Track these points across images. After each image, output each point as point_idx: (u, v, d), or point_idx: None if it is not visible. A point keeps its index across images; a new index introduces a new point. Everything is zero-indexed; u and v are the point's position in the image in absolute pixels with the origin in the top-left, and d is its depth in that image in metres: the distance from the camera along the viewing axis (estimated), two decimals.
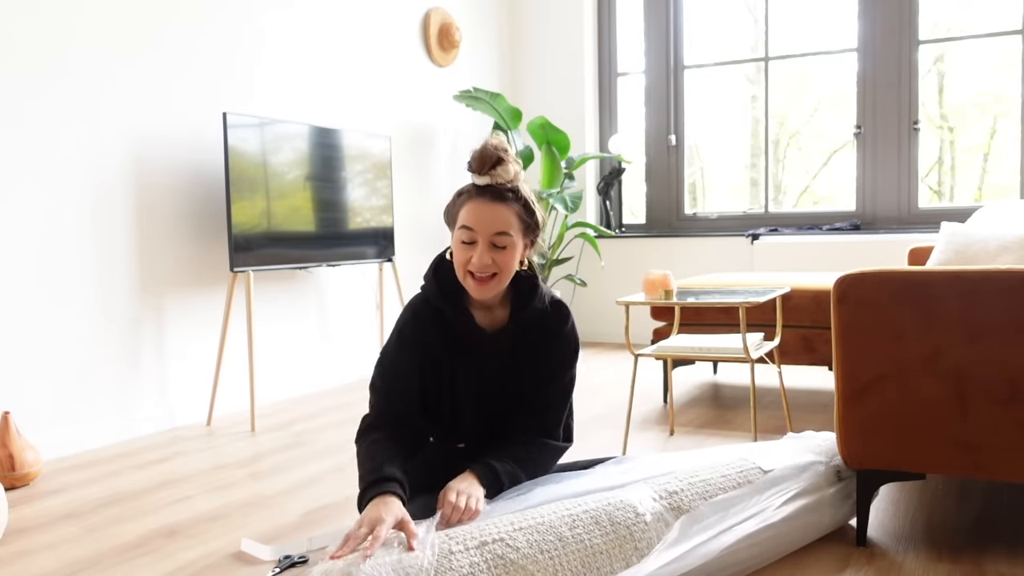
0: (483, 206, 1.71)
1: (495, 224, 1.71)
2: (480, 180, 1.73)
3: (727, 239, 5.04)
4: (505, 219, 1.72)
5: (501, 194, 1.72)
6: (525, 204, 1.76)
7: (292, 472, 2.66)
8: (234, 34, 3.61)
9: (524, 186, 1.78)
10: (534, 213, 1.77)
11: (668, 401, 3.19)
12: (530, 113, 5.56)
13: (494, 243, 1.72)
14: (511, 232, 1.73)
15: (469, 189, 1.76)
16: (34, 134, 2.88)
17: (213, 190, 3.52)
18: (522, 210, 1.75)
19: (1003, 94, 4.62)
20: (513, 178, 1.74)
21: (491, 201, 1.72)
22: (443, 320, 1.81)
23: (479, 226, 1.71)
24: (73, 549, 2.05)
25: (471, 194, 1.74)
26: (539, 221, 1.79)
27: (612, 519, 1.66)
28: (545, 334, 1.85)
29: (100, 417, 3.10)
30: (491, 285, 1.74)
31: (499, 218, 1.71)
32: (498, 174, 1.72)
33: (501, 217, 1.71)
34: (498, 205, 1.71)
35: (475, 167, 1.73)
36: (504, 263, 1.73)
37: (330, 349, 4.14)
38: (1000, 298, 1.74)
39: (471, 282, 1.74)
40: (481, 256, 1.71)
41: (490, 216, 1.71)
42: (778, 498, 1.84)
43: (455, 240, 1.76)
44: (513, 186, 1.74)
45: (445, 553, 1.49)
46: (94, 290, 3.07)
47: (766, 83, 5.08)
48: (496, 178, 1.72)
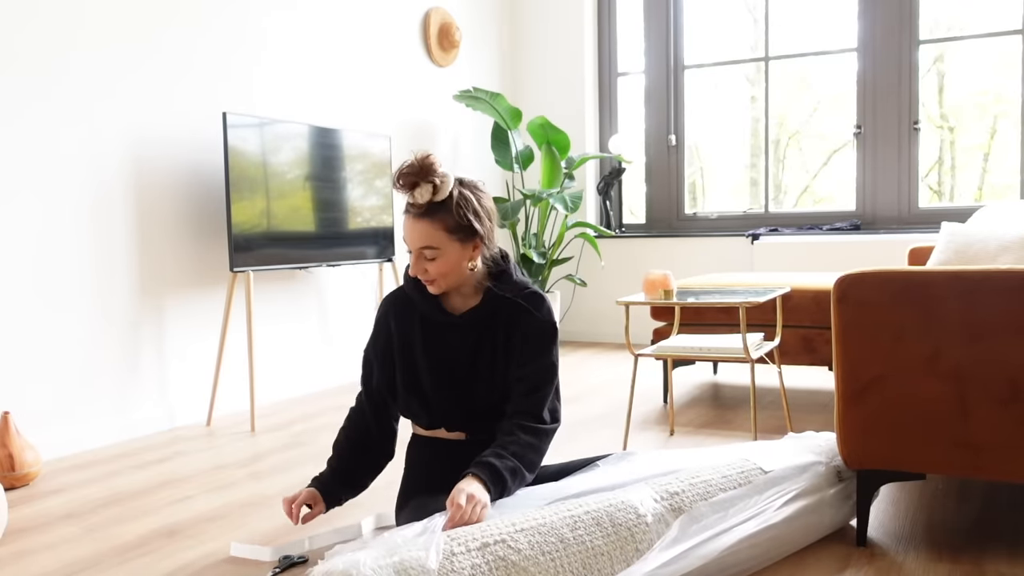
0: (409, 222, 1.82)
1: (418, 240, 1.81)
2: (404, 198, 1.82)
3: (727, 239, 5.04)
4: (427, 234, 1.80)
5: (424, 211, 1.80)
6: (455, 216, 1.80)
7: (292, 472, 2.66)
8: (234, 34, 3.61)
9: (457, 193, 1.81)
10: (465, 223, 1.81)
11: (668, 401, 3.19)
12: (530, 113, 5.56)
13: (423, 255, 1.82)
14: (435, 245, 1.81)
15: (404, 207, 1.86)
16: (34, 134, 2.88)
17: (213, 190, 3.52)
18: (452, 222, 1.80)
19: (1003, 94, 4.62)
20: (432, 197, 1.78)
21: (414, 218, 1.81)
22: (414, 307, 1.94)
23: (408, 240, 1.84)
24: (73, 549, 2.05)
25: (405, 210, 1.85)
26: (475, 224, 1.82)
27: (613, 520, 1.66)
28: (519, 317, 1.89)
29: (100, 417, 3.10)
30: (436, 285, 1.86)
31: (421, 234, 1.80)
32: (416, 196, 1.78)
33: (423, 233, 1.80)
34: (420, 222, 1.80)
35: (396, 187, 1.81)
36: (437, 270, 1.83)
37: (330, 349, 4.15)
38: (1000, 298, 1.73)
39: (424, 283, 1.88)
40: (415, 266, 1.84)
41: (413, 233, 1.82)
42: (778, 499, 1.84)
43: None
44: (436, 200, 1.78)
45: (447, 554, 1.49)
46: (94, 290, 3.07)
47: (766, 83, 5.08)
48: (415, 199, 1.78)
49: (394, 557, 1.46)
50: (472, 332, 1.90)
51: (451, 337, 1.91)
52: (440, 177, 1.78)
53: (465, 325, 1.90)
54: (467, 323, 1.90)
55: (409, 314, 1.95)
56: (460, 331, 1.90)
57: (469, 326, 1.90)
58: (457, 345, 1.90)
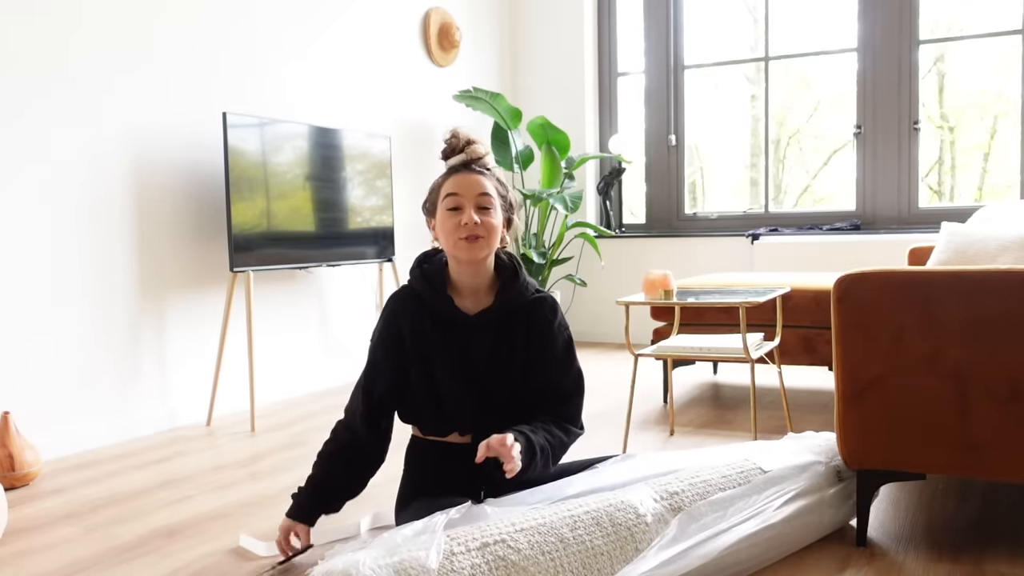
0: (464, 175, 1.85)
1: (477, 187, 1.84)
2: (456, 159, 1.88)
3: (727, 239, 5.04)
4: (485, 185, 1.85)
5: (478, 167, 1.88)
6: (499, 180, 1.91)
7: (292, 472, 2.66)
8: (234, 34, 3.61)
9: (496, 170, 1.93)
10: (508, 192, 1.92)
11: (668, 401, 3.19)
12: (530, 113, 5.56)
13: (479, 204, 1.83)
14: (492, 195, 1.85)
15: (446, 171, 1.90)
16: (34, 134, 2.88)
17: (213, 190, 3.52)
18: (498, 184, 1.89)
19: (1003, 94, 4.62)
20: (485, 155, 1.90)
21: (471, 172, 1.86)
22: (425, 306, 1.89)
23: (464, 191, 1.83)
24: (73, 549, 2.05)
25: (449, 172, 1.88)
26: (512, 201, 1.92)
27: (613, 520, 1.66)
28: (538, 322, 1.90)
29: (100, 417, 3.10)
30: (480, 244, 1.82)
31: (480, 183, 1.85)
32: (473, 151, 1.88)
33: (481, 183, 1.85)
34: (476, 175, 1.86)
35: (449, 148, 1.89)
36: (490, 225, 1.83)
37: (330, 349, 4.15)
38: (1000, 298, 1.74)
39: (462, 245, 1.82)
40: (469, 215, 1.81)
41: (472, 184, 1.84)
42: (778, 498, 1.84)
43: (442, 213, 1.85)
44: (487, 164, 1.90)
45: (447, 554, 1.49)
46: (94, 290, 3.07)
47: (766, 83, 5.08)
48: (471, 155, 1.87)
49: (394, 557, 1.46)
50: (488, 332, 1.88)
51: (467, 337, 1.87)
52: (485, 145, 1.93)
53: (481, 325, 1.88)
54: (483, 323, 1.88)
55: (420, 313, 1.89)
56: (476, 331, 1.88)
57: (485, 326, 1.88)
58: (474, 345, 1.87)
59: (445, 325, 1.88)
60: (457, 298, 1.90)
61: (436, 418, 1.91)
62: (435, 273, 1.90)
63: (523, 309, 1.90)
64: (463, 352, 1.87)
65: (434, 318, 1.88)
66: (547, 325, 1.90)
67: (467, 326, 1.87)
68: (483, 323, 1.88)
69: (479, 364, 1.88)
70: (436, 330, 1.88)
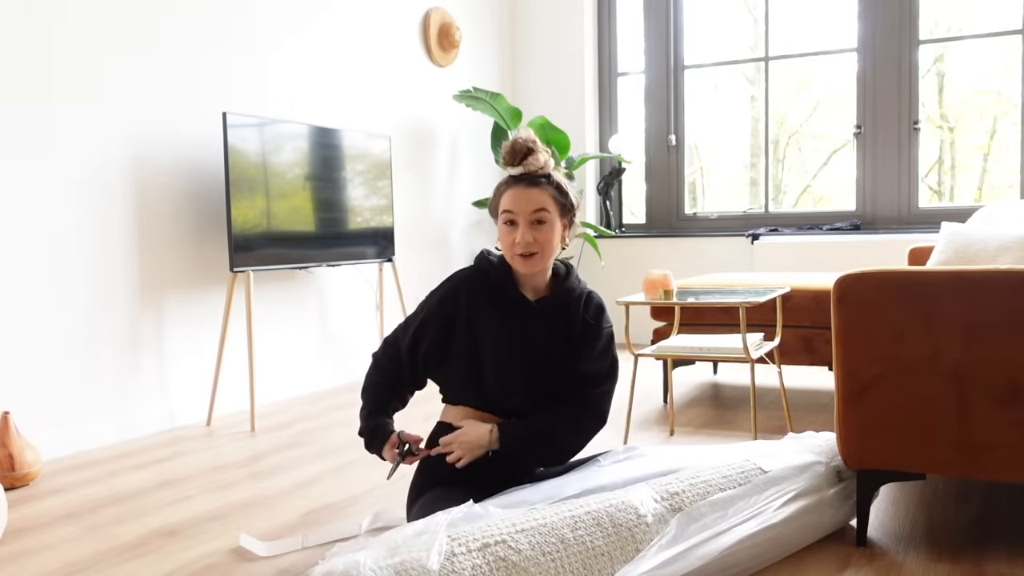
0: (519, 191, 1.89)
1: (531, 203, 1.88)
2: (514, 171, 1.91)
3: (727, 239, 5.04)
4: (540, 199, 1.88)
5: (534, 180, 1.90)
6: (558, 187, 1.92)
7: (292, 472, 2.66)
8: (234, 34, 3.61)
9: (556, 172, 1.95)
10: (567, 194, 1.94)
11: (668, 401, 3.19)
12: (530, 113, 5.56)
13: (533, 220, 1.88)
14: (548, 209, 1.89)
15: (506, 180, 1.94)
16: (34, 135, 2.88)
17: (213, 190, 3.52)
18: (556, 192, 1.91)
19: (1003, 94, 4.62)
20: (543, 165, 1.91)
21: (526, 186, 1.89)
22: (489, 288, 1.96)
23: (518, 208, 1.88)
24: (73, 549, 2.05)
25: (508, 183, 1.92)
26: (573, 202, 1.96)
27: (614, 520, 1.66)
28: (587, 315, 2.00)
29: (100, 417, 3.10)
30: (535, 260, 1.90)
31: (534, 199, 1.88)
32: (529, 163, 1.89)
33: (536, 198, 1.88)
34: (532, 189, 1.89)
35: (507, 160, 1.92)
36: (545, 240, 1.89)
37: (330, 349, 4.15)
38: (1000, 298, 1.74)
39: (518, 260, 1.90)
40: (524, 234, 1.87)
41: (526, 198, 1.88)
42: (778, 499, 1.84)
43: (500, 226, 1.93)
44: (545, 172, 1.92)
45: (448, 555, 1.49)
46: (94, 290, 3.07)
47: (766, 83, 5.08)
48: (528, 167, 1.89)
49: (395, 558, 1.46)
50: (546, 319, 1.96)
51: (527, 319, 1.95)
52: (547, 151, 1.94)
53: (539, 310, 1.96)
54: (541, 308, 1.96)
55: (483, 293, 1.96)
56: (536, 315, 1.95)
57: (544, 312, 1.96)
58: (532, 328, 1.95)
59: (507, 307, 1.95)
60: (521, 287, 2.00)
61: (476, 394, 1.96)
62: (502, 262, 1.99)
63: (576, 301, 2.00)
64: (523, 333, 1.94)
65: (497, 299, 1.96)
66: (596, 317, 2.01)
67: (527, 309, 1.95)
68: (541, 308, 1.96)
69: (538, 347, 1.95)
70: (497, 310, 1.95)
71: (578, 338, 1.98)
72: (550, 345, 1.96)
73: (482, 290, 1.97)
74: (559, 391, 1.97)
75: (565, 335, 1.97)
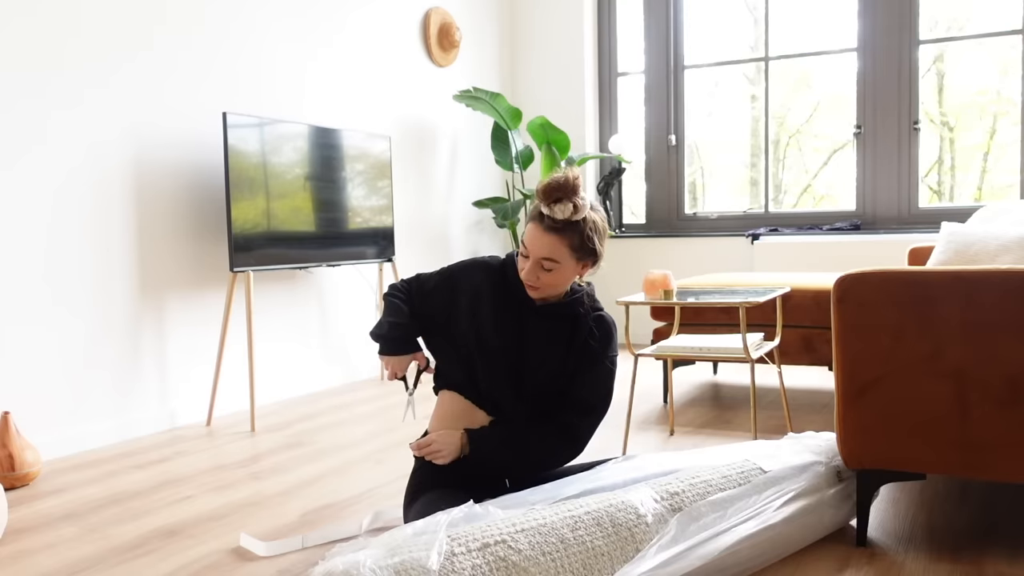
0: (538, 232, 1.87)
1: (542, 251, 1.86)
2: (541, 208, 1.88)
3: (727, 239, 5.03)
4: (553, 248, 1.86)
5: (555, 226, 1.86)
6: (582, 235, 1.88)
7: (292, 472, 2.66)
8: (234, 34, 3.61)
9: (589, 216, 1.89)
10: (590, 245, 1.90)
11: (668, 401, 3.19)
12: (530, 113, 5.56)
13: (541, 265, 1.88)
14: (558, 259, 1.87)
15: (535, 207, 1.91)
16: (33, 135, 2.88)
17: (213, 190, 3.52)
18: (577, 241, 1.87)
19: (1003, 94, 4.62)
20: (570, 216, 1.85)
21: (545, 231, 1.86)
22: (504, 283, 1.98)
23: (531, 248, 1.88)
24: (73, 549, 2.05)
25: (533, 214, 1.90)
26: (596, 249, 1.92)
27: (614, 520, 1.66)
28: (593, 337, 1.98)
29: (100, 417, 3.10)
30: (537, 292, 1.93)
31: (547, 246, 1.86)
32: (555, 210, 1.85)
33: (550, 246, 1.86)
34: (550, 235, 1.86)
35: (540, 195, 1.88)
36: (549, 281, 1.89)
37: (330, 349, 4.15)
38: (1000, 298, 1.73)
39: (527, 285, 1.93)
40: (528, 273, 1.89)
41: (540, 243, 1.86)
42: (778, 499, 1.84)
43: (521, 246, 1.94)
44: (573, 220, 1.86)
45: (447, 555, 1.49)
46: (94, 290, 3.07)
47: (766, 83, 5.08)
48: (554, 213, 1.85)
49: (395, 558, 1.46)
50: (547, 323, 1.97)
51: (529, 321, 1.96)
52: (582, 199, 1.87)
53: (544, 313, 1.96)
54: (546, 312, 1.97)
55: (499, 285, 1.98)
56: (538, 318, 1.96)
57: (546, 316, 1.97)
58: (530, 328, 1.96)
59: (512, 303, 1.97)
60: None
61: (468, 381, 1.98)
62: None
63: (585, 316, 1.99)
64: (520, 332, 1.95)
65: (507, 294, 1.97)
66: (603, 343, 1.99)
67: (530, 310, 1.96)
68: (546, 312, 1.96)
69: (532, 349, 1.95)
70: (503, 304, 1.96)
71: (578, 356, 1.97)
72: (545, 350, 1.96)
73: (499, 281, 1.99)
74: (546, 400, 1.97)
75: (565, 344, 1.97)
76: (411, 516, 1.86)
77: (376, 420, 3.36)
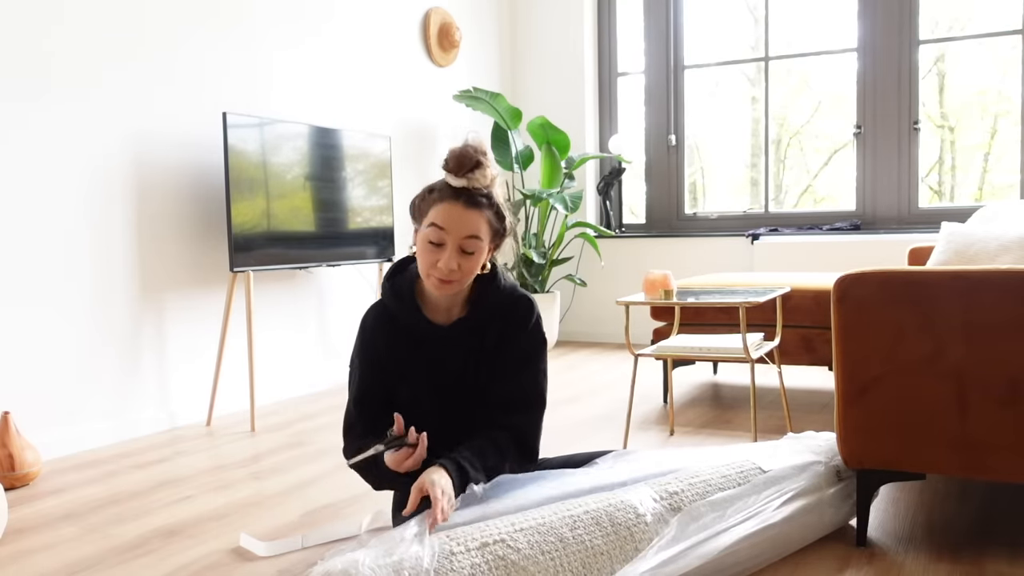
0: (456, 209, 1.69)
1: (466, 228, 1.69)
2: (456, 182, 1.70)
3: (727, 239, 5.03)
4: (476, 224, 1.70)
5: (475, 199, 1.71)
6: (497, 210, 1.75)
7: (292, 472, 2.66)
8: (234, 34, 3.61)
9: (498, 190, 1.76)
10: (504, 219, 1.77)
11: (668, 401, 3.19)
12: (530, 113, 5.56)
13: (463, 247, 1.70)
14: (480, 236, 1.71)
15: (443, 188, 1.72)
16: (34, 135, 2.88)
17: (213, 190, 3.52)
18: (493, 216, 1.74)
19: (1003, 94, 4.62)
20: (489, 183, 1.72)
21: (465, 206, 1.70)
22: (398, 320, 1.83)
23: (450, 228, 1.69)
24: (73, 549, 2.05)
25: (444, 194, 1.71)
26: (508, 227, 1.78)
27: (613, 520, 1.66)
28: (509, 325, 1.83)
29: (100, 417, 3.10)
30: (452, 286, 1.73)
31: (470, 223, 1.70)
32: (475, 178, 1.70)
33: (472, 222, 1.70)
34: (471, 211, 1.70)
35: (452, 168, 1.70)
36: (469, 268, 1.73)
37: (330, 349, 4.15)
38: (1000, 298, 1.73)
39: (433, 281, 1.72)
40: (448, 260, 1.69)
41: (462, 221, 1.69)
42: (778, 498, 1.84)
43: (422, 238, 1.72)
44: (488, 191, 1.73)
45: (446, 554, 1.49)
46: (94, 290, 3.07)
47: (766, 83, 5.08)
48: (473, 182, 1.70)
49: (392, 557, 1.46)
50: (461, 342, 1.82)
51: (440, 349, 1.82)
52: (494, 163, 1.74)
53: (454, 335, 1.82)
54: (456, 333, 1.82)
55: (394, 327, 1.83)
56: (449, 342, 1.82)
57: (458, 336, 1.82)
58: (447, 356, 1.82)
59: (416, 339, 1.82)
60: (429, 310, 1.83)
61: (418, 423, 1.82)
62: (406, 287, 1.83)
63: (499, 313, 1.83)
64: (435, 364, 1.82)
65: (407, 332, 1.82)
66: (520, 327, 1.83)
67: (439, 338, 1.81)
68: (456, 333, 1.81)
69: (451, 374, 1.82)
70: (407, 342, 1.82)
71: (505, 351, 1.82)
72: (465, 369, 1.82)
73: (391, 324, 1.82)
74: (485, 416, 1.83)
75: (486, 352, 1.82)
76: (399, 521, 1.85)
77: None
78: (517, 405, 1.83)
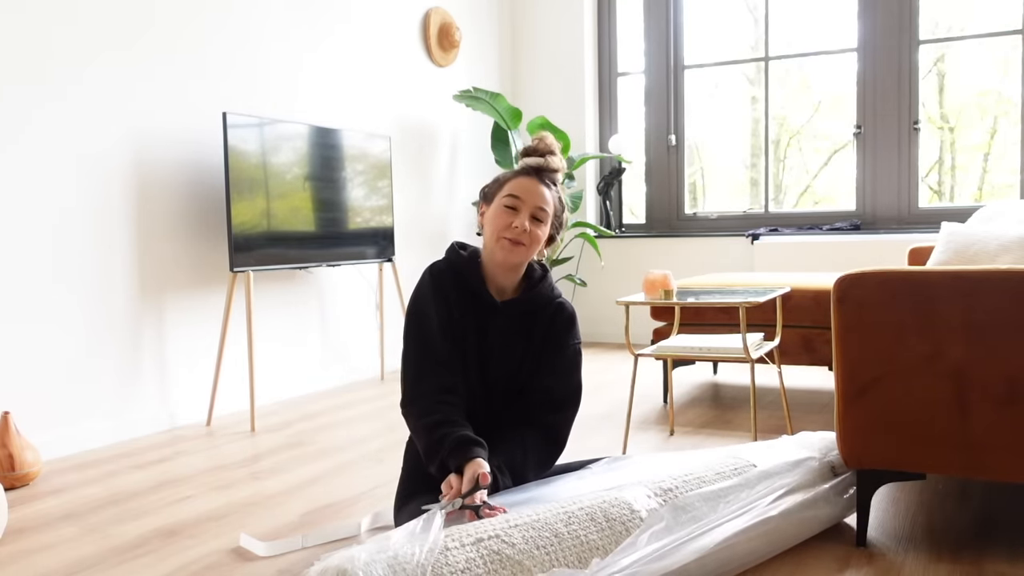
0: (531, 183, 1.91)
1: (539, 199, 1.89)
2: (534, 162, 1.94)
3: (727, 239, 5.03)
4: (547, 199, 1.91)
5: (547, 179, 1.93)
6: (560, 200, 1.97)
7: (292, 472, 2.66)
8: (235, 33, 3.61)
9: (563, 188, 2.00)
10: (561, 217, 1.97)
11: (668, 401, 3.19)
12: (530, 113, 5.56)
13: (534, 215, 1.89)
14: (548, 212, 1.91)
15: (518, 169, 1.95)
16: (34, 135, 2.88)
17: (213, 190, 3.52)
18: (557, 203, 1.95)
19: (1003, 94, 4.62)
20: (559, 170, 1.95)
21: (539, 182, 1.92)
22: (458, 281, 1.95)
23: (526, 196, 1.89)
24: (73, 549, 2.05)
25: (521, 172, 1.94)
26: (563, 221, 1.98)
27: (607, 515, 1.66)
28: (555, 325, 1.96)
29: (100, 417, 3.10)
30: (521, 251, 1.89)
31: (543, 196, 1.90)
32: (551, 161, 1.93)
33: (544, 196, 1.91)
34: (543, 186, 1.92)
35: (534, 148, 1.95)
36: (536, 237, 1.89)
37: (330, 349, 4.15)
38: (1000, 298, 1.73)
39: (504, 244, 1.87)
40: (522, 221, 1.87)
41: (536, 192, 1.90)
42: (771, 493, 1.85)
43: (497, 207, 1.90)
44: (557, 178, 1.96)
45: (441, 549, 1.49)
46: (94, 290, 3.07)
47: (766, 83, 5.08)
48: (549, 164, 1.93)
49: (389, 552, 1.47)
50: (509, 319, 1.94)
51: (488, 319, 1.94)
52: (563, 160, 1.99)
53: (505, 311, 1.94)
54: (507, 310, 1.95)
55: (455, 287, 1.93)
56: (499, 315, 1.94)
57: (508, 313, 1.95)
58: (492, 328, 1.94)
59: (469, 304, 1.94)
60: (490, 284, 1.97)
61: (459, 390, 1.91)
62: (473, 257, 1.97)
63: (546, 309, 1.97)
64: (482, 335, 1.93)
65: (461, 295, 1.93)
66: (564, 330, 1.97)
67: (491, 309, 1.93)
68: (507, 310, 1.94)
69: (493, 349, 1.93)
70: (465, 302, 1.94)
71: (540, 347, 1.95)
72: (507, 349, 1.94)
73: (449, 281, 1.95)
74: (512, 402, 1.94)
75: (526, 340, 1.95)
76: (402, 519, 1.86)
77: (376, 420, 3.36)
78: (556, 404, 1.95)
